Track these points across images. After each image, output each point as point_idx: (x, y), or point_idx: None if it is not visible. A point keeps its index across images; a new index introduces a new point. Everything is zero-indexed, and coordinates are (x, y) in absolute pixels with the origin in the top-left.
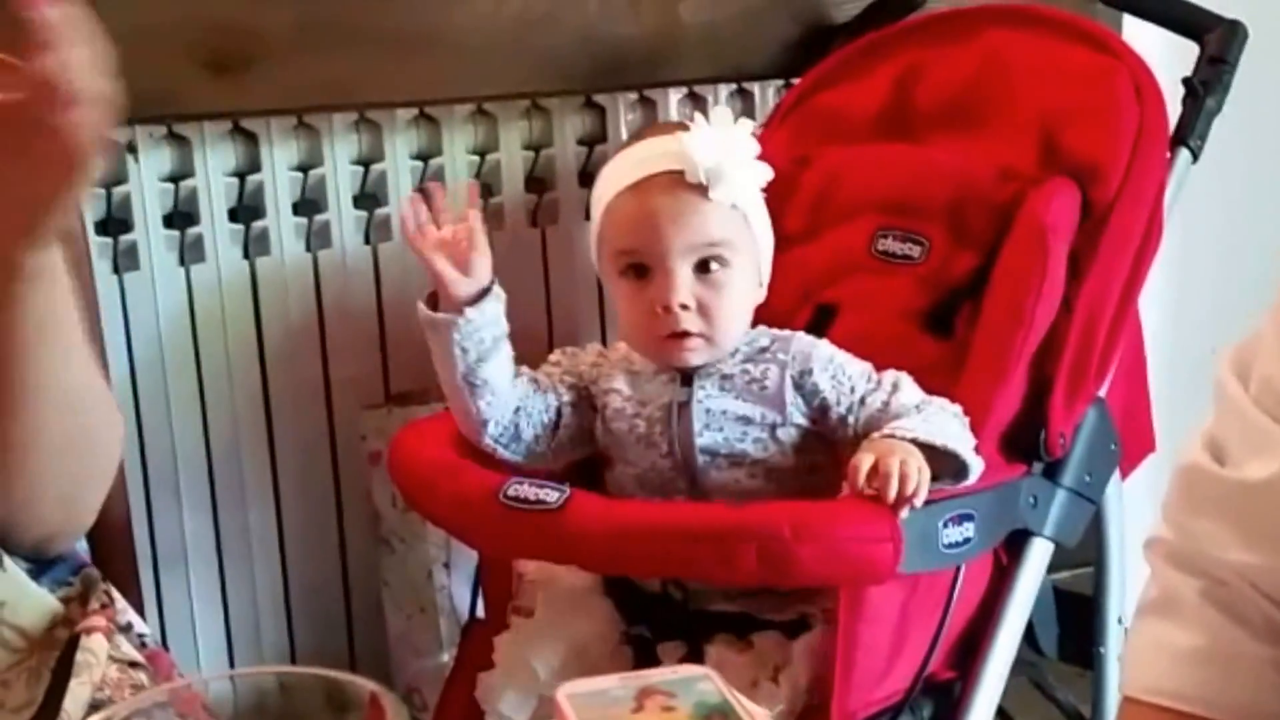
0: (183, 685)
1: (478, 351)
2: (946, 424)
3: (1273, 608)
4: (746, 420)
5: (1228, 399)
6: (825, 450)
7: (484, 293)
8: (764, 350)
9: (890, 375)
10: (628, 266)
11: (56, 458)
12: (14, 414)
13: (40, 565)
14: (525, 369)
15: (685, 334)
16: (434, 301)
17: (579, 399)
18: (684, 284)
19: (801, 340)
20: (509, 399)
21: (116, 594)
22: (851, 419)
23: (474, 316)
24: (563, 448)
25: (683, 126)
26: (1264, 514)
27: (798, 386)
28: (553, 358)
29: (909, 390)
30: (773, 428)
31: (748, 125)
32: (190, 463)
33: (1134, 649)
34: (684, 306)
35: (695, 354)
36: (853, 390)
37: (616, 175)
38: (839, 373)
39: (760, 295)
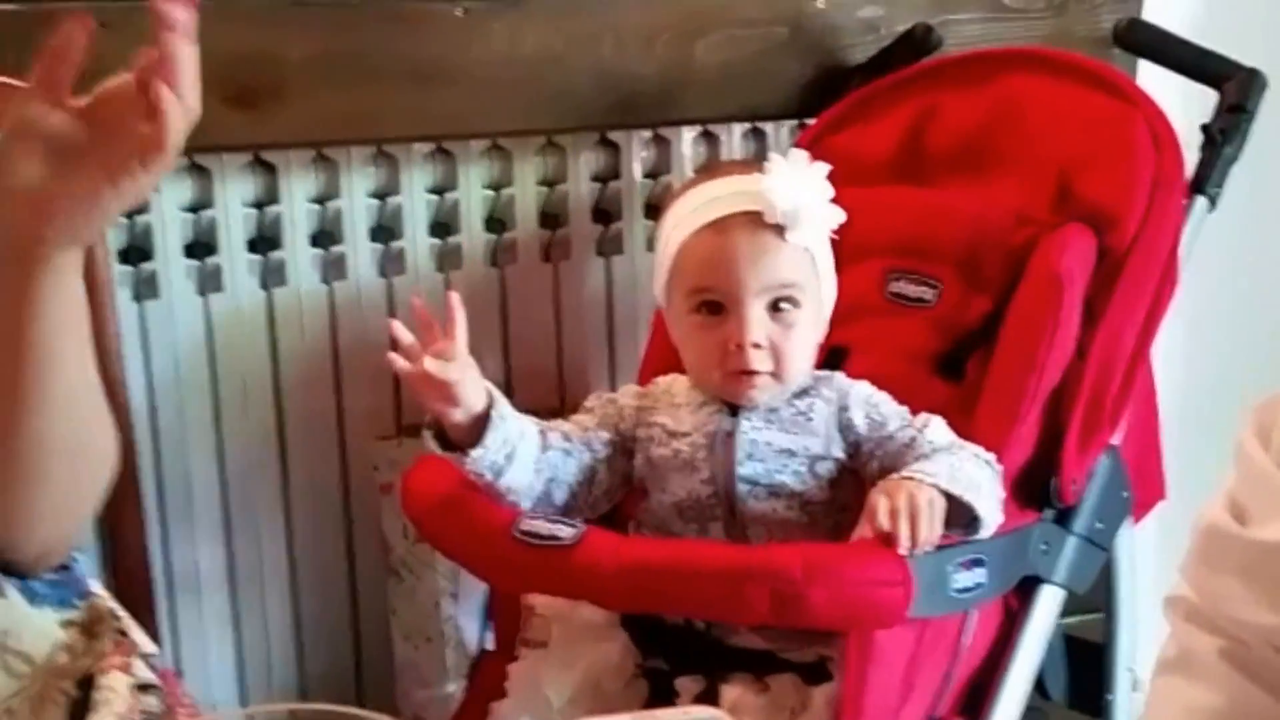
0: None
1: (493, 472)
2: (975, 474)
3: None
4: (789, 453)
5: (1248, 460)
6: (857, 488)
7: (484, 419)
8: (809, 388)
9: (922, 417)
10: (701, 304)
11: (58, 462)
12: (24, 412)
13: (41, 590)
14: (555, 429)
15: (755, 372)
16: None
17: (615, 451)
18: (758, 323)
19: (842, 379)
20: (536, 484)
21: (126, 618)
22: (879, 453)
23: (478, 455)
24: (598, 502)
25: (757, 165)
26: None
27: (839, 421)
28: (589, 403)
29: (939, 430)
30: (813, 461)
31: (823, 169)
32: (205, 490)
33: (1152, 706)
34: (756, 345)
35: (762, 392)
36: (884, 426)
37: (692, 212)
38: (874, 411)
39: (821, 335)
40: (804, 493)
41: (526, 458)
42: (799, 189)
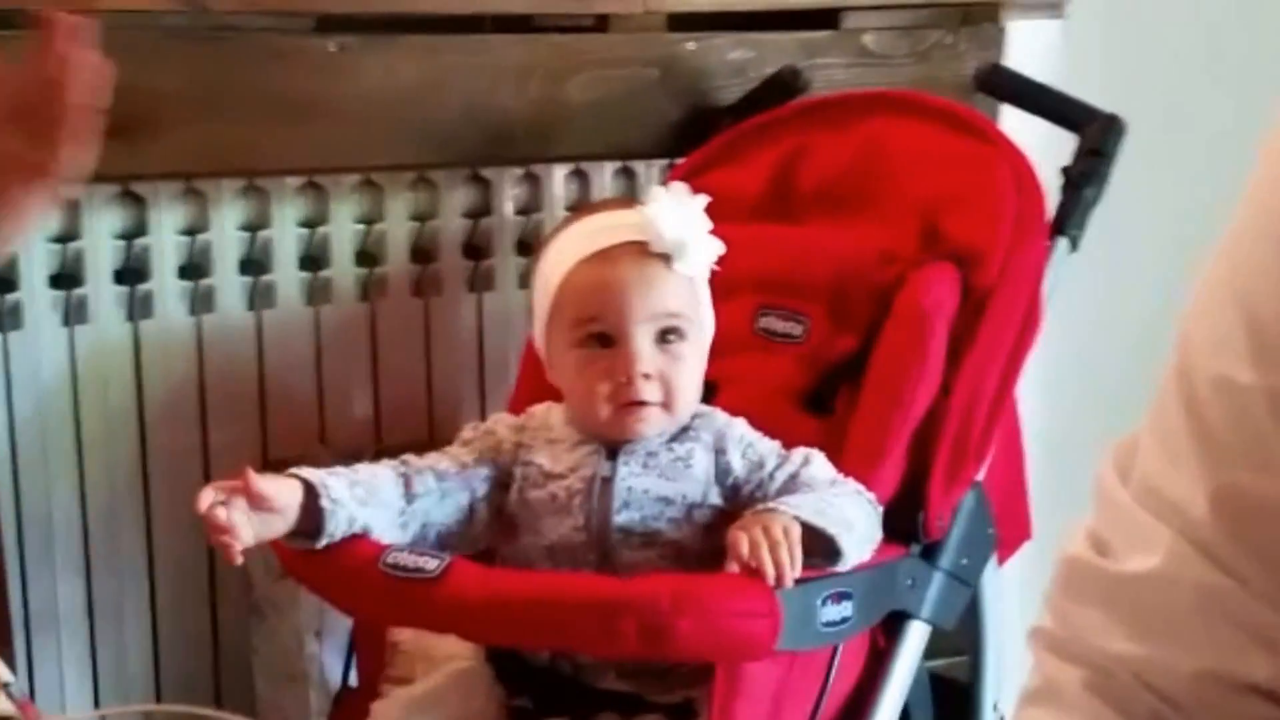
0: None
1: (352, 531)
2: (850, 511)
3: (1155, 699)
4: (666, 501)
5: (1108, 496)
6: None
7: (310, 512)
8: (688, 428)
9: (801, 451)
10: (588, 336)
11: None
12: None
13: None
14: (427, 469)
15: (645, 403)
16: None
17: (493, 486)
18: (646, 354)
19: (719, 418)
20: (406, 535)
21: None
22: (759, 494)
23: (324, 544)
24: (479, 539)
25: (634, 201)
26: (1146, 606)
27: (715, 466)
28: (465, 434)
29: (820, 466)
30: (690, 509)
31: (702, 200)
32: (65, 525)
33: None
34: (646, 376)
35: (649, 425)
36: (762, 466)
37: (574, 244)
38: (749, 451)
39: (703, 368)
40: (679, 540)
41: (384, 521)
42: (683, 219)
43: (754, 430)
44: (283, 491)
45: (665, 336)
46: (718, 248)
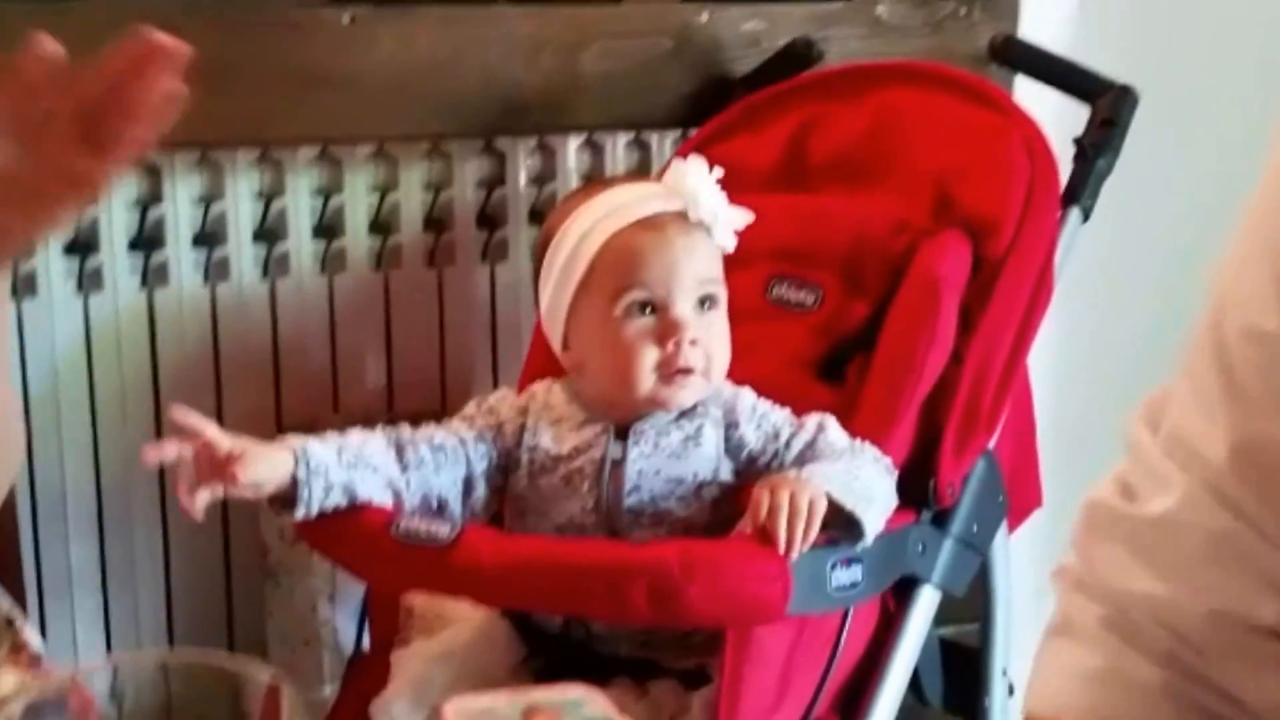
0: (75, 675)
1: (330, 499)
2: (872, 482)
3: (1170, 637)
4: (677, 481)
5: (1138, 446)
6: (741, 509)
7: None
8: (697, 403)
9: (814, 418)
10: (632, 304)
11: None
12: None
13: None
14: (424, 440)
15: (690, 370)
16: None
17: (491, 466)
18: (693, 320)
19: (727, 390)
20: (410, 504)
21: (20, 622)
22: (776, 465)
23: (301, 513)
24: (476, 515)
25: (647, 177)
26: (1162, 547)
27: (726, 440)
28: (468, 410)
29: (835, 432)
30: (699, 487)
31: (718, 173)
32: (79, 491)
33: (1036, 669)
34: (693, 342)
35: (691, 392)
36: (777, 437)
37: (611, 213)
38: (763, 421)
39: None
40: (688, 517)
41: (373, 485)
42: (717, 191)
43: (763, 399)
44: (265, 474)
45: (703, 303)
46: (745, 218)
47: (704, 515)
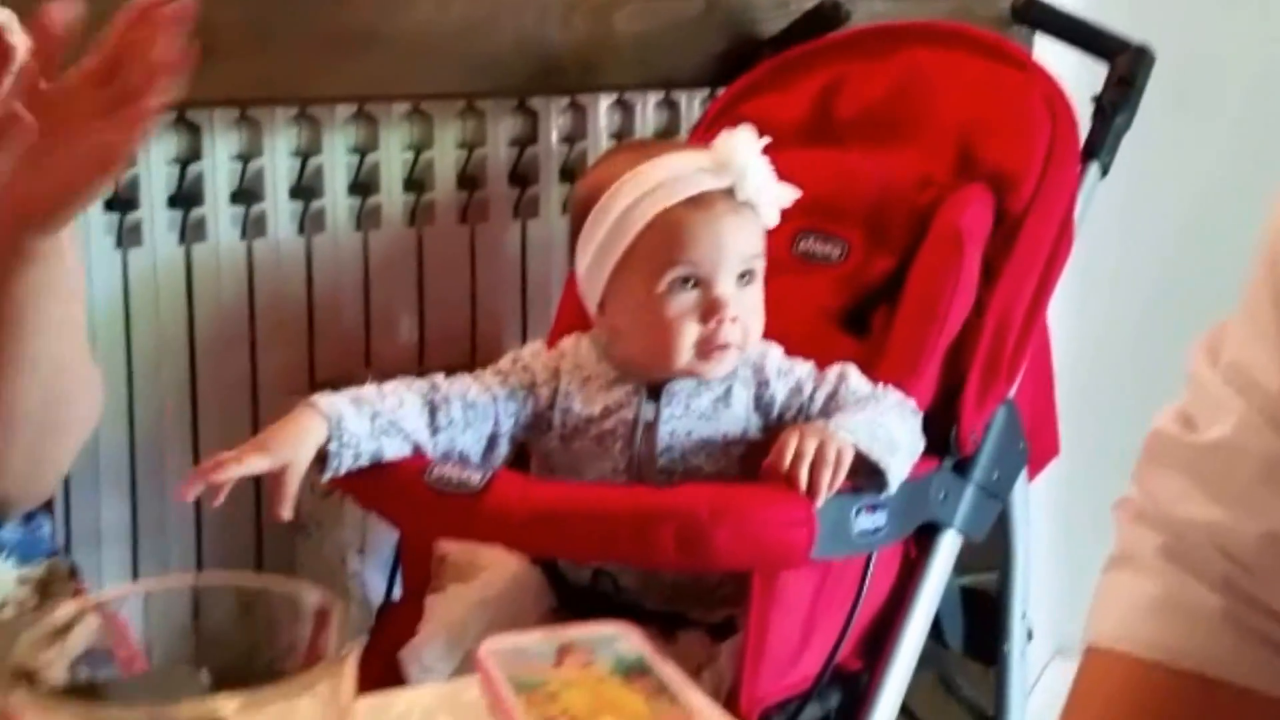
0: (117, 598)
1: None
2: (896, 429)
3: (1229, 564)
4: (707, 441)
5: (1198, 378)
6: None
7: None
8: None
9: (835, 368)
10: (676, 280)
11: (28, 425)
12: None
13: (9, 540)
14: (457, 397)
15: (726, 346)
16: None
17: (520, 422)
18: (734, 298)
19: (754, 351)
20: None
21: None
22: (802, 418)
23: (329, 476)
24: (493, 465)
25: (683, 144)
26: (1221, 471)
27: (757, 399)
28: (502, 365)
29: (857, 380)
30: (728, 445)
31: (763, 143)
32: (112, 444)
33: (1096, 600)
34: (733, 319)
35: (725, 365)
36: (801, 390)
37: (660, 188)
38: (789, 379)
39: None
40: (717, 473)
41: (398, 451)
42: (765, 169)
43: (787, 356)
44: (302, 455)
45: (742, 278)
46: (791, 195)
47: (733, 471)
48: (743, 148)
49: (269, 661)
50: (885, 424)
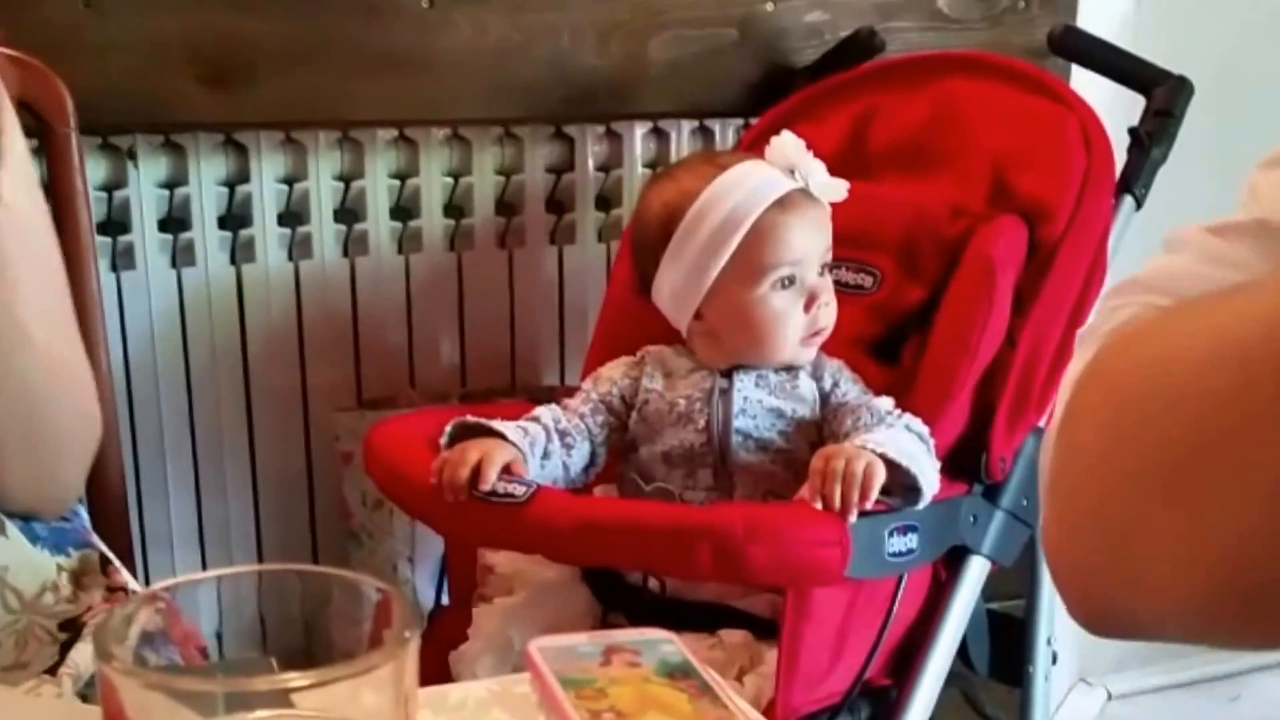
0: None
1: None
2: (910, 447)
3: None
4: (778, 413)
5: (1254, 189)
6: None
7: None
8: (793, 364)
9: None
10: (779, 279)
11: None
12: None
13: (42, 533)
14: (560, 429)
15: (825, 329)
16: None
17: (610, 430)
18: (826, 286)
19: (820, 355)
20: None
21: (119, 566)
22: (831, 417)
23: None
24: (598, 476)
25: (735, 154)
26: (1233, 248)
27: (819, 390)
28: (586, 385)
29: (885, 400)
30: (798, 424)
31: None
32: (177, 454)
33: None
34: (826, 304)
35: (818, 346)
36: (845, 397)
37: (749, 194)
38: (841, 379)
39: None
40: (789, 450)
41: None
42: (818, 163)
43: (849, 371)
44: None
45: (823, 268)
46: (843, 187)
47: (804, 451)
48: (795, 149)
49: (333, 650)
50: (902, 439)
